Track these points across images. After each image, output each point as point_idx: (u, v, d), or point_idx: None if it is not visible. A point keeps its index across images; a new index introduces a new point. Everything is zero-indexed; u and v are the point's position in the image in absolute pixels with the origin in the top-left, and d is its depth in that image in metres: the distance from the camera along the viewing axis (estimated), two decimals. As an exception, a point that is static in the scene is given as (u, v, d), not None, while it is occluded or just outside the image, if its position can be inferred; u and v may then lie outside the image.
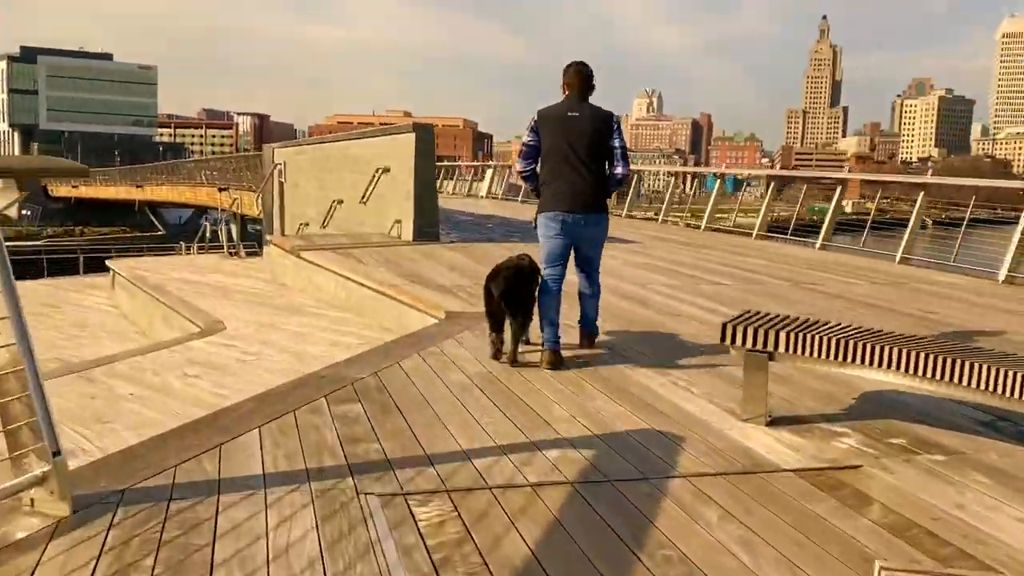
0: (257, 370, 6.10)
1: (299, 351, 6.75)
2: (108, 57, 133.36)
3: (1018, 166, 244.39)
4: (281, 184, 18.63)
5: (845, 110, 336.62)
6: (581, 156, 5.22)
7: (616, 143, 5.33)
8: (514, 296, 5.10)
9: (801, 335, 3.91)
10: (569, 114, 5.27)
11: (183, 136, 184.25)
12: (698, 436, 3.91)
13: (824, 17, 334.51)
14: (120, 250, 23.73)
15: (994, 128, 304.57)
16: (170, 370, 6.08)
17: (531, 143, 5.32)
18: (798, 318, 4.25)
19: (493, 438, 3.79)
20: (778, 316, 4.27)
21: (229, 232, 16.84)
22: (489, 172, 30.96)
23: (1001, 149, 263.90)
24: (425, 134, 11.74)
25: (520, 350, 5.18)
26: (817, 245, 13.22)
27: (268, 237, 13.05)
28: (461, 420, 4.04)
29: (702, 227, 16.92)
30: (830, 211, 13.81)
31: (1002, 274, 9.93)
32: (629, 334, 6.11)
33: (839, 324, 4.12)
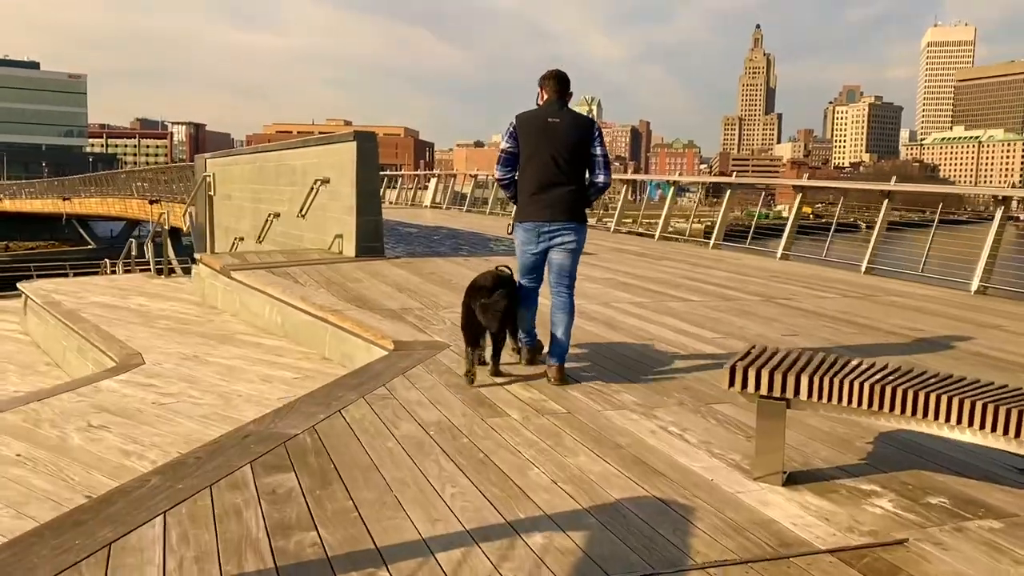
0: (176, 417, 5.24)
1: (226, 391, 5.90)
2: (35, 66, 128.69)
3: (944, 170, 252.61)
4: (210, 197, 17.56)
5: (779, 117, 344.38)
6: (562, 164, 4.88)
7: (598, 151, 5.00)
8: (495, 312, 4.77)
9: (827, 380, 3.26)
10: (550, 120, 4.91)
11: (116, 146, 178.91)
12: (708, 505, 3.23)
13: (758, 26, 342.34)
14: (44, 267, 22.23)
15: (921, 133, 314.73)
16: (72, 420, 5.18)
17: (510, 150, 4.99)
18: (814, 356, 3.60)
19: (460, 518, 3.05)
20: (791, 353, 3.61)
21: (157, 248, 15.68)
22: (433, 181, 30.15)
23: (928, 154, 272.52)
24: (367, 142, 10.93)
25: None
26: (778, 254, 12.77)
27: (197, 255, 12.05)
28: (418, 492, 3.29)
29: (656, 236, 16.42)
30: (791, 220, 13.44)
31: (974, 285, 9.55)
32: (601, 365, 5.42)
33: (863, 364, 3.48)
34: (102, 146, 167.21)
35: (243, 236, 16.75)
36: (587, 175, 5.01)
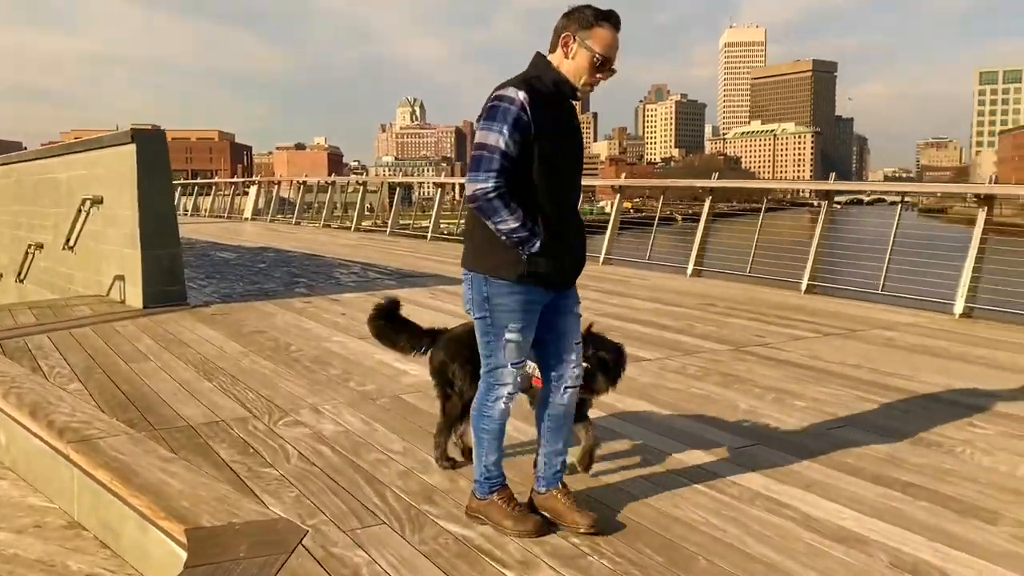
0: None
1: None
2: None
3: (745, 161, 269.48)
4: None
5: (595, 116, 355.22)
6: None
7: None
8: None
9: None
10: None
11: None
12: None
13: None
14: None
15: (723, 128, 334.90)
16: None
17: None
18: None
19: None
20: None
21: None
22: (253, 189, 26.36)
23: (731, 147, 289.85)
24: (151, 143, 7.71)
25: None
26: (688, 272, 10.61)
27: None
28: None
29: (428, 236, 14.25)
30: (612, 220, 12.16)
31: (958, 307, 7.73)
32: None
33: None
34: None
35: (1, 272, 12.82)
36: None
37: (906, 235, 9.79)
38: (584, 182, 3.31)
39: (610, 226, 12.10)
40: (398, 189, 19.58)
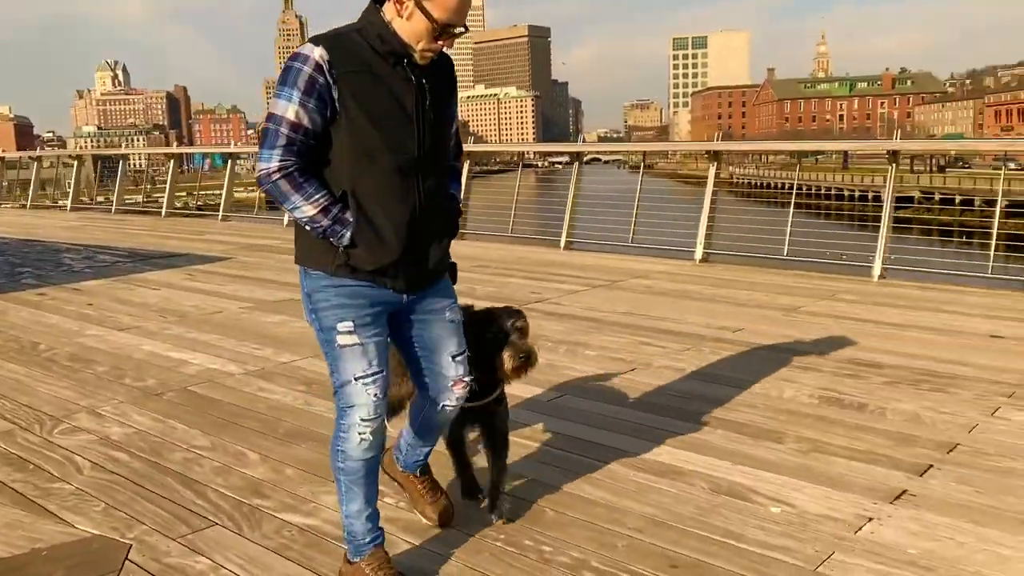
0: None
1: None
2: None
3: (473, 125, 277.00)
4: None
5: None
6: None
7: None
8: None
9: None
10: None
11: None
12: None
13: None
14: None
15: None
16: None
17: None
18: None
19: None
20: None
21: None
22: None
23: (460, 111, 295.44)
24: None
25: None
26: (561, 244, 10.07)
27: None
28: None
29: (163, 212, 13.46)
30: None
31: (698, 254, 8.55)
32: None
33: None
34: None
35: None
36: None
37: (629, 190, 10.51)
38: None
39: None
40: (104, 162, 17.92)
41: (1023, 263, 9.72)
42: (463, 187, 4.78)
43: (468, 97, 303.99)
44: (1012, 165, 39.66)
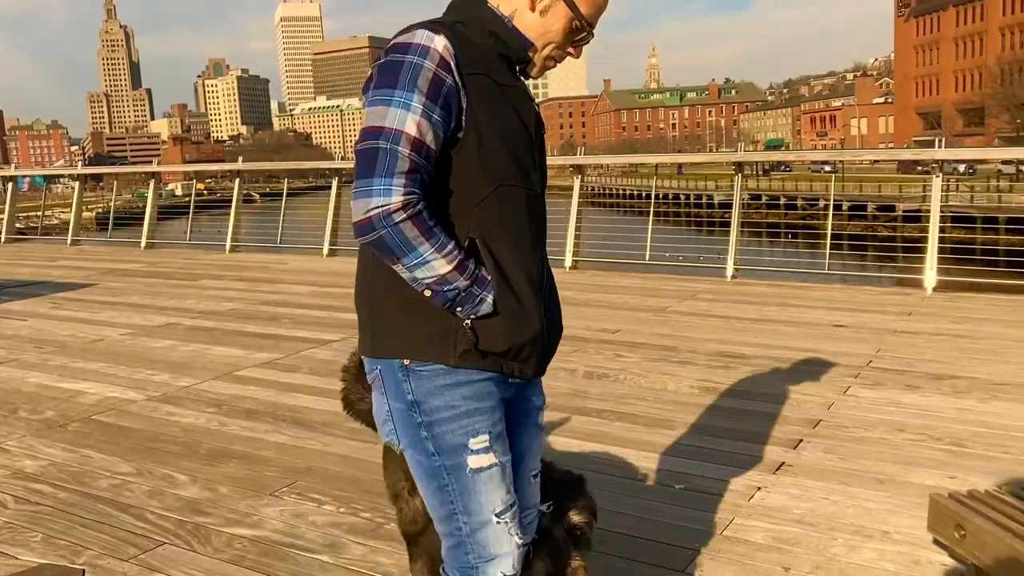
0: None
1: None
2: None
3: (316, 138, 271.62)
4: None
5: (149, 92, 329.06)
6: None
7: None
8: None
9: None
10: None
11: None
12: None
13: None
14: None
15: (290, 104, 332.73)
16: None
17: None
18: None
19: None
20: None
21: None
22: None
23: (300, 124, 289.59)
24: None
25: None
26: (325, 252, 10.67)
27: None
28: None
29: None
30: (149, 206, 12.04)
31: (568, 261, 9.03)
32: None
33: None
34: None
35: None
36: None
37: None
38: (211, 167, 2.24)
39: (233, 210, 11.63)
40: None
41: (853, 259, 10.90)
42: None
43: (310, 109, 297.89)
44: (827, 168, 43.42)
